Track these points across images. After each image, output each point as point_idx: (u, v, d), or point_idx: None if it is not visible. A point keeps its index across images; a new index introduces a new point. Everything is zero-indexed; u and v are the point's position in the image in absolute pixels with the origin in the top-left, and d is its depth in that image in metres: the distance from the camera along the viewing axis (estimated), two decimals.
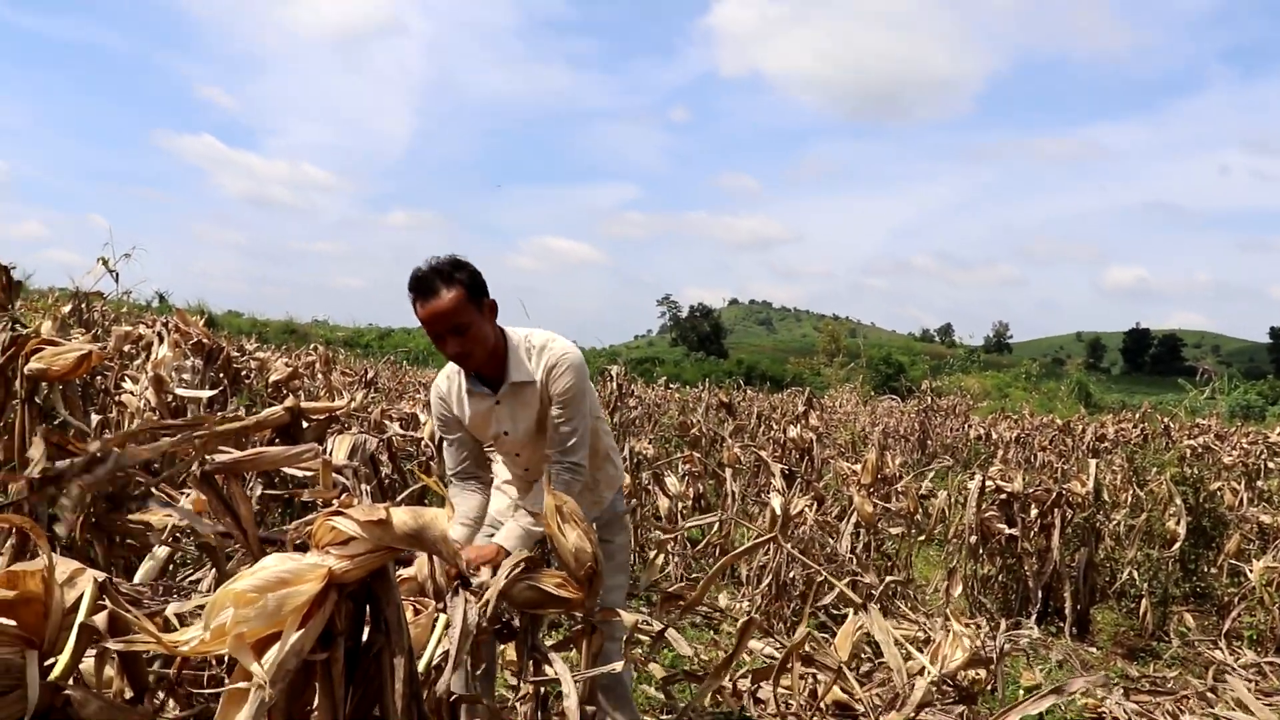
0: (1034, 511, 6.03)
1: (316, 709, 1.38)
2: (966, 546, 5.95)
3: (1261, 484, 9.15)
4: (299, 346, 18.55)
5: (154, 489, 2.23)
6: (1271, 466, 10.22)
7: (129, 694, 1.51)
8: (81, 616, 1.32)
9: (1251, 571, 5.74)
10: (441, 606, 1.78)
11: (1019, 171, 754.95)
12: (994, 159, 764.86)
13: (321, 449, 2.31)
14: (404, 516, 1.37)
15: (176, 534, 2.40)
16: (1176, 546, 6.12)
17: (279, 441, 3.60)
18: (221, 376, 5.01)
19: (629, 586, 3.85)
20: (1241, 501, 7.61)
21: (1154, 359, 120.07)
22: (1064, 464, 10.40)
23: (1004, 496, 6.10)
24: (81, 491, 1.87)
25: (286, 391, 5.48)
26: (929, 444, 14.29)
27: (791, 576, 5.30)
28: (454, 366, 2.93)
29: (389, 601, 1.40)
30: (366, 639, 1.41)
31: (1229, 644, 5.54)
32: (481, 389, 2.87)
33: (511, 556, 2.58)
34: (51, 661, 1.29)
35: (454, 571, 1.93)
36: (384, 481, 4.19)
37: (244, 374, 6.09)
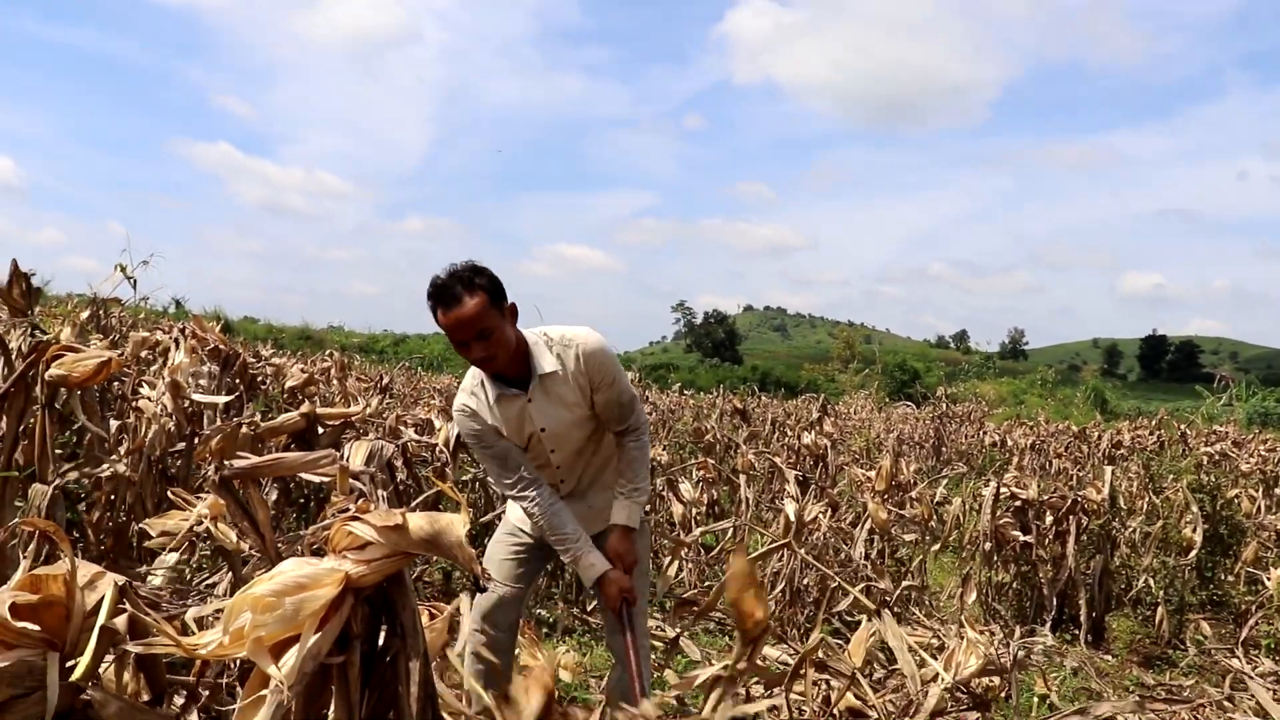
0: (1049, 518, 6.00)
1: (333, 712, 1.39)
2: (981, 553, 5.93)
3: (1279, 491, 9.09)
4: (314, 352, 18.63)
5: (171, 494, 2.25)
6: None
7: (147, 697, 1.53)
8: (102, 619, 1.34)
9: (1269, 579, 5.69)
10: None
11: (1035, 178, 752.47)
12: (1010, 166, 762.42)
13: (338, 454, 2.33)
14: (420, 522, 1.38)
15: (192, 538, 2.42)
16: (1193, 554, 6.08)
17: (295, 447, 3.63)
18: (238, 382, 5.04)
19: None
20: (1259, 509, 7.56)
21: (1171, 365, 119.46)
22: (1079, 471, 10.34)
23: (1019, 503, 6.08)
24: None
25: (302, 397, 5.51)
26: (944, 450, 14.25)
27: (805, 583, 5.29)
28: (475, 381, 2.92)
29: (405, 606, 1.41)
30: (383, 643, 1.43)
31: (1246, 653, 5.50)
32: (511, 390, 2.86)
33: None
34: (72, 663, 1.30)
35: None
36: (399, 487, 4.21)
37: (260, 380, 6.13)
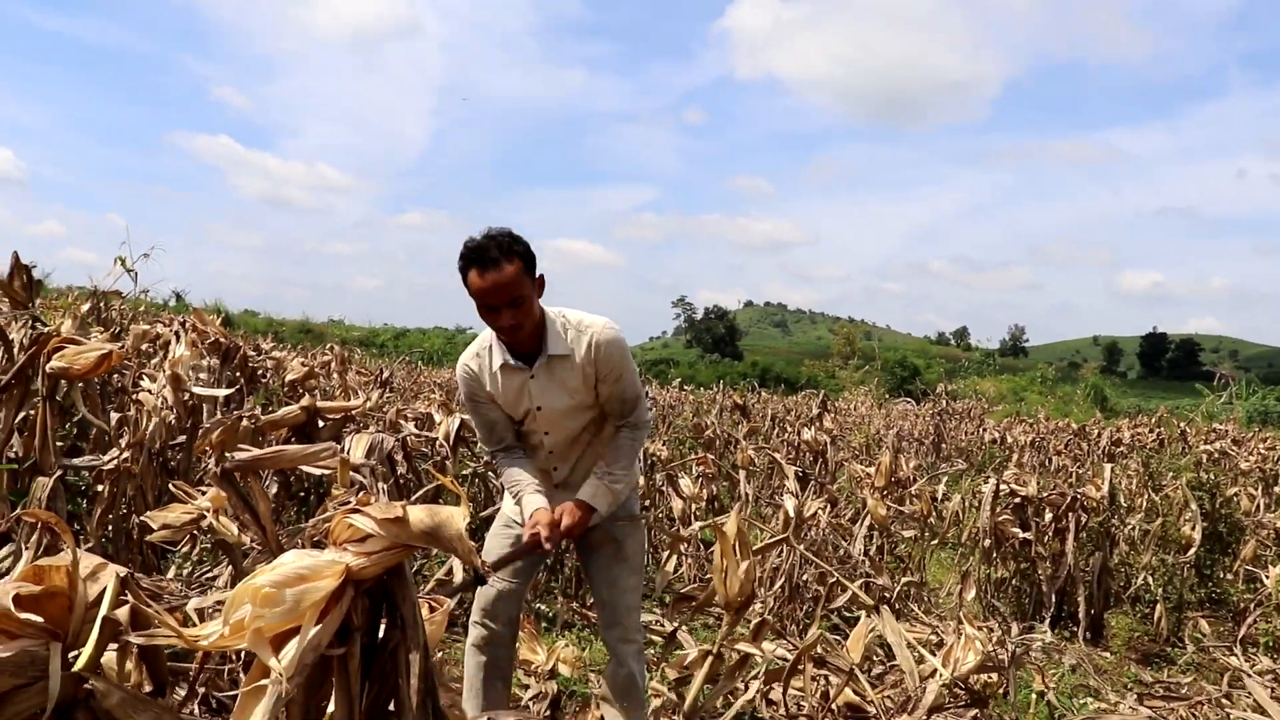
0: (1048, 515, 6.01)
1: (333, 704, 1.40)
2: (980, 550, 5.94)
3: (1279, 489, 9.10)
4: (315, 346, 18.66)
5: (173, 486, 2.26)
6: None
7: (149, 687, 1.53)
8: (104, 610, 1.34)
9: (1268, 578, 5.70)
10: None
11: (1035, 175, 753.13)
12: (1010, 163, 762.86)
13: (339, 448, 2.33)
14: (421, 514, 1.38)
15: (193, 531, 2.43)
16: (1192, 552, 6.09)
17: (295, 441, 3.64)
18: (238, 376, 5.04)
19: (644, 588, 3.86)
20: (1258, 507, 7.58)
21: (1171, 363, 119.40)
22: (1079, 468, 10.35)
23: (1018, 500, 6.09)
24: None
25: (303, 391, 5.51)
26: (943, 447, 14.26)
27: (804, 578, 5.30)
28: (484, 344, 2.91)
29: (405, 598, 1.42)
30: (383, 635, 1.43)
31: (1245, 650, 5.50)
32: (516, 363, 2.85)
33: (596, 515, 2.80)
34: (75, 654, 1.31)
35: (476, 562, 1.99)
36: (400, 480, 4.22)
37: (260, 373, 6.14)
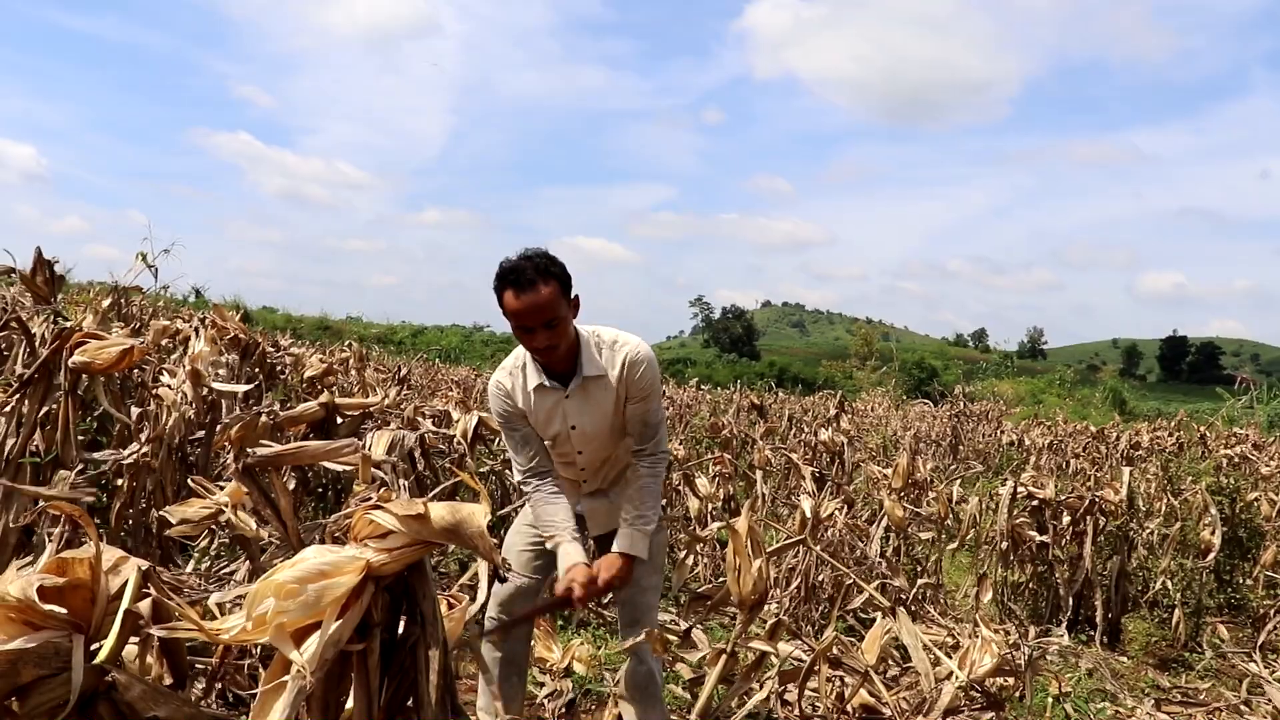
0: (1066, 519, 5.97)
1: (352, 699, 1.40)
2: (997, 552, 5.91)
3: None
4: (333, 343, 18.74)
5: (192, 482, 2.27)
6: None
7: (169, 680, 1.54)
8: (126, 603, 1.35)
9: None
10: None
11: (1055, 176, 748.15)
12: (1030, 163, 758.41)
13: (360, 444, 2.34)
14: (442, 511, 1.39)
15: (212, 526, 2.44)
16: (1211, 557, 6.04)
17: (314, 437, 3.66)
18: (257, 372, 5.07)
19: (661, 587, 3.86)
20: (1279, 513, 7.50)
21: (1191, 367, 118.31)
22: (1097, 471, 10.25)
23: (1036, 503, 6.05)
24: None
25: (321, 387, 5.54)
26: (961, 449, 14.21)
27: (820, 579, 5.28)
28: (517, 362, 2.91)
29: (425, 595, 1.42)
30: (402, 631, 1.44)
31: (1264, 657, 5.46)
32: (551, 384, 2.85)
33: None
34: (97, 646, 1.32)
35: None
36: (419, 478, 4.23)
37: (279, 369, 6.17)
